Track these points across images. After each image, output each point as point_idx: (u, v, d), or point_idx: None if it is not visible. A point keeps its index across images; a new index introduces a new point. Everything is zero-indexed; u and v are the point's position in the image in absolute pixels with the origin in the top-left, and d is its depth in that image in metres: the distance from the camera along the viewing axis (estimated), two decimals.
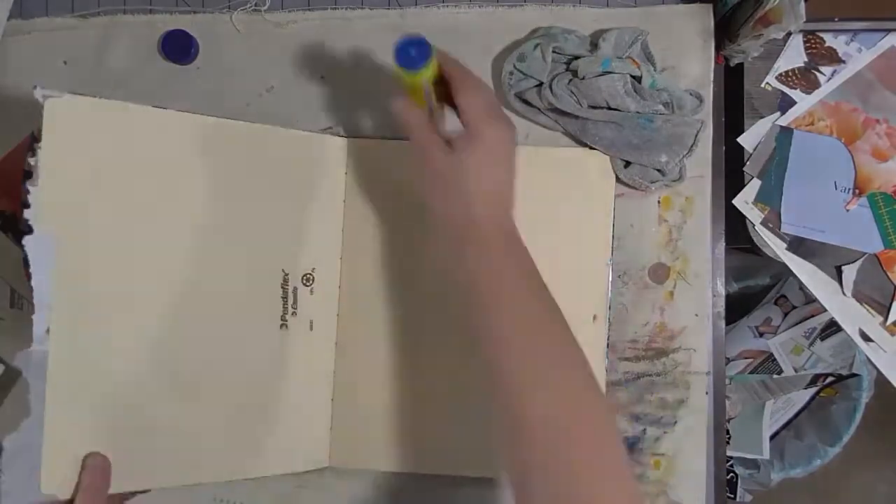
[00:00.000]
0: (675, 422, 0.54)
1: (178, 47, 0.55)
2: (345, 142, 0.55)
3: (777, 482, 1.05)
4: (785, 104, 0.57)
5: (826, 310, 0.57)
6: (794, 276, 0.57)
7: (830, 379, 1.00)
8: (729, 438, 1.04)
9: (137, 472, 0.44)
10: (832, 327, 0.96)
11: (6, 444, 0.38)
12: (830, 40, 0.58)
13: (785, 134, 0.57)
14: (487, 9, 0.56)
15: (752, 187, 0.57)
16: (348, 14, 0.56)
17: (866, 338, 0.57)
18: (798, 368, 0.98)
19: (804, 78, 0.58)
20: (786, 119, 0.57)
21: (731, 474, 1.06)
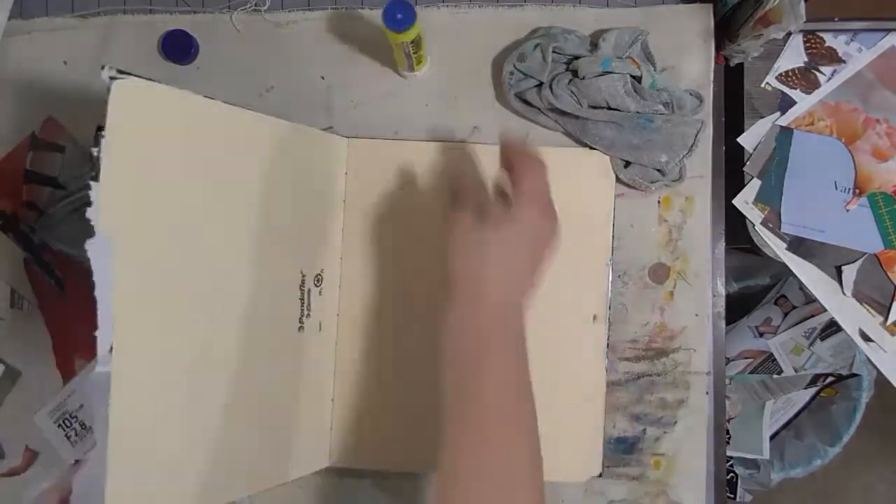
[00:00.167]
0: (675, 422, 0.54)
1: (178, 47, 0.55)
2: (345, 141, 0.55)
3: (777, 482, 1.05)
4: (785, 104, 0.57)
5: (826, 310, 0.57)
6: (794, 276, 0.57)
7: (830, 379, 1.00)
8: (729, 438, 1.04)
9: (189, 495, 0.40)
10: (832, 327, 0.96)
11: (75, 488, 0.33)
12: (830, 40, 0.58)
13: (785, 134, 0.57)
14: (487, 9, 0.56)
15: (752, 187, 0.57)
16: (348, 14, 0.56)
17: (866, 338, 0.57)
18: (798, 368, 0.98)
19: (804, 78, 0.58)
20: (786, 119, 0.57)
21: (731, 474, 1.06)
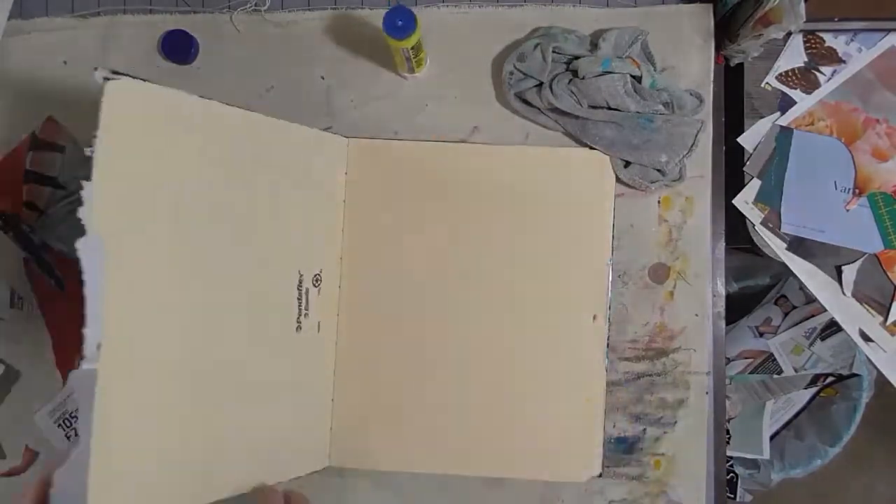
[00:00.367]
0: (675, 422, 0.54)
1: (178, 47, 0.55)
2: (345, 141, 0.55)
3: (777, 482, 1.04)
4: (785, 104, 0.57)
5: (826, 310, 0.57)
6: (794, 276, 0.57)
7: (830, 379, 1.00)
8: (729, 438, 1.04)
9: (187, 494, 0.40)
10: (832, 327, 0.96)
11: (56, 480, 0.32)
12: (830, 40, 0.58)
13: (785, 134, 0.57)
14: (487, 9, 0.56)
15: (752, 187, 0.57)
16: (348, 14, 0.56)
17: (866, 338, 0.56)
18: (798, 368, 0.98)
19: (804, 78, 0.58)
20: (786, 119, 0.57)
21: (731, 474, 1.06)
